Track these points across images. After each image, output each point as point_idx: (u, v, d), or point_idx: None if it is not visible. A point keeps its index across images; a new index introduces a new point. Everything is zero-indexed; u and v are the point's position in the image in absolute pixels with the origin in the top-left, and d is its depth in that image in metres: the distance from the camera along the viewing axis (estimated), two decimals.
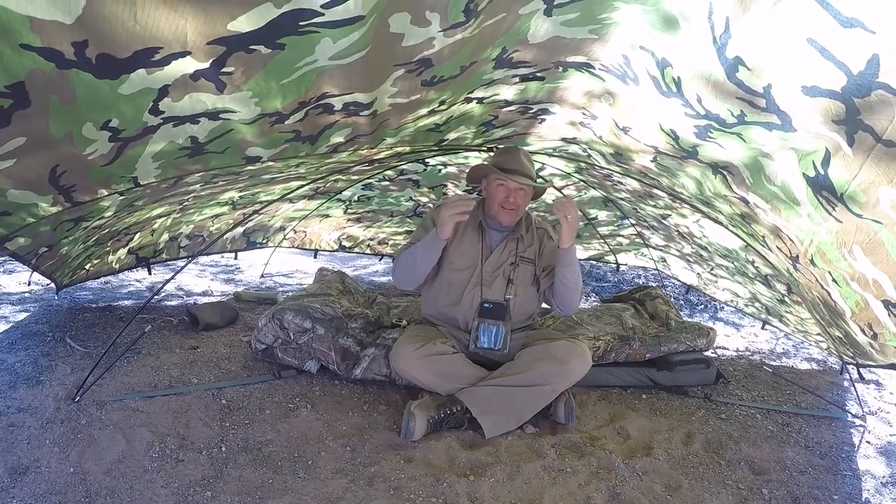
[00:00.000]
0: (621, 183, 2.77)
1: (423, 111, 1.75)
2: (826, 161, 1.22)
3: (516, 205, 2.13)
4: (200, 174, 1.86)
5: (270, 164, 1.93)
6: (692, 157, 1.68)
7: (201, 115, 1.30)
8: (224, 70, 1.11)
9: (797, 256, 1.72)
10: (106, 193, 1.67)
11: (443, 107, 1.78)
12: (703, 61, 1.23)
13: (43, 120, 1.12)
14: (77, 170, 1.41)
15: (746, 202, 1.71)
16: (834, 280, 1.63)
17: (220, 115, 1.33)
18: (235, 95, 1.22)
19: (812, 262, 1.64)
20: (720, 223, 2.36)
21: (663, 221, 3.12)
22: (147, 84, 1.11)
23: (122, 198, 1.81)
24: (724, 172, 1.67)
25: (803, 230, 1.56)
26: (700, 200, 2.18)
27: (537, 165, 3.10)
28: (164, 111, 1.23)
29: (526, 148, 2.65)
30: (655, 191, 2.58)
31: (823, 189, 1.30)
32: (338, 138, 1.80)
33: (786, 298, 2.61)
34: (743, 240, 2.42)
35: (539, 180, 3.12)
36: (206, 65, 1.08)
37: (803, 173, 1.32)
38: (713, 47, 1.17)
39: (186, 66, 1.07)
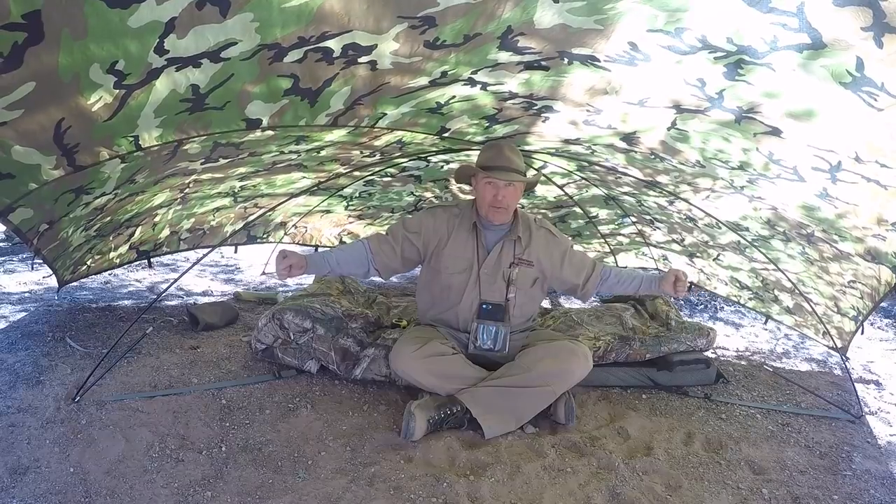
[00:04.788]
0: (626, 174, 2.77)
1: (425, 80, 1.75)
2: (860, 66, 1.25)
3: (506, 202, 2.12)
4: (201, 143, 1.87)
5: (270, 133, 1.94)
6: (716, 104, 1.68)
7: (203, 55, 1.33)
8: None
9: (839, 163, 1.72)
10: (107, 157, 1.69)
11: (444, 79, 1.77)
12: (729, 18, 1.24)
13: (53, 58, 1.16)
14: (81, 125, 1.44)
15: (778, 132, 1.70)
16: (883, 165, 1.63)
17: (222, 56, 1.36)
18: (238, 18, 1.25)
19: (857, 158, 1.64)
20: (731, 186, 2.34)
21: (667, 209, 3.12)
22: (155, 16, 1.15)
23: (122, 165, 1.82)
24: (750, 116, 1.67)
25: (845, 127, 1.55)
26: (701, 172, 2.20)
27: (538, 164, 3.10)
28: (168, 50, 1.27)
29: (526, 147, 2.64)
30: (660, 177, 2.60)
31: (864, 86, 1.32)
32: (337, 103, 1.80)
33: (806, 250, 2.61)
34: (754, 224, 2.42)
35: (532, 173, 3.11)
36: None
37: (840, 82, 1.34)
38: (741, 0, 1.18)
39: None
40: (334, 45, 1.45)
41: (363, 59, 1.56)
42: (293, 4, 1.25)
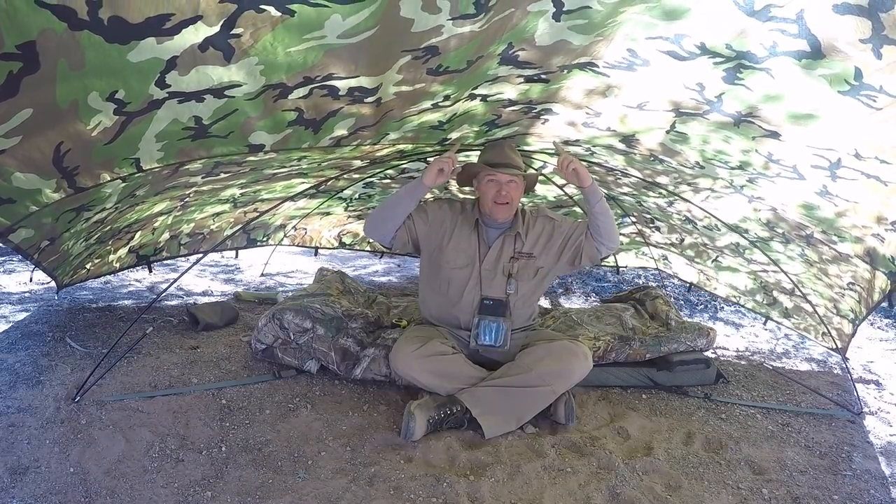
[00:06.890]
0: (626, 174, 2.77)
1: (427, 104, 1.75)
2: (858, 75, 1.26)
3: (509, 198, 2.16)
4: (202, 162, 1.85)
5: (273, 155, 1.92)
6: (715, 108, 1.69)
7: (206, 91, 1.31)
8: (233, 32, 1.12)
9: (839, 160, 1.73)
10: (108, 179, 1.67)
11: (447, 102, 1.77)
12: (728, 24, 1.25)
13: (50, 86, 1.13)
14: (81, 148, 1.41)
15: (777, 135, 1.71)
16: (883, 161, 1.63)
17: (226, 93, 1.33)
18: (242, 63, 1.23)
19: (857, 154, 1.65)
20: (730, 185, 2.35)
21: (667, 209, 3.12)
22: (156, 54, 1.12)
23: (123, 184, 1.81)
24: (749, 119, 1.67)
25: (844, 128, 1.56)
26: (701, 172, 2.22)
27: (538, 164, 3.10)
28: (170, 84, 1.24)
29: (526, 148, 2.65)
30: (659, 177, 2.61)
31: (862, 91, 1.32)
32: (341, 130, 1.79)
33: (806, 251, 2.61)
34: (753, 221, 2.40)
35: (530, 171, 3.12)
36: (216, 28, 1.09)
37: (837, 91, 1.34)
38: (738, 9, 1.18)
39: (197, 34, 1.09)
40: (340, 84, 1.45)
41: (369, 99, 1.57)
42: (299, 49, 1.23)
